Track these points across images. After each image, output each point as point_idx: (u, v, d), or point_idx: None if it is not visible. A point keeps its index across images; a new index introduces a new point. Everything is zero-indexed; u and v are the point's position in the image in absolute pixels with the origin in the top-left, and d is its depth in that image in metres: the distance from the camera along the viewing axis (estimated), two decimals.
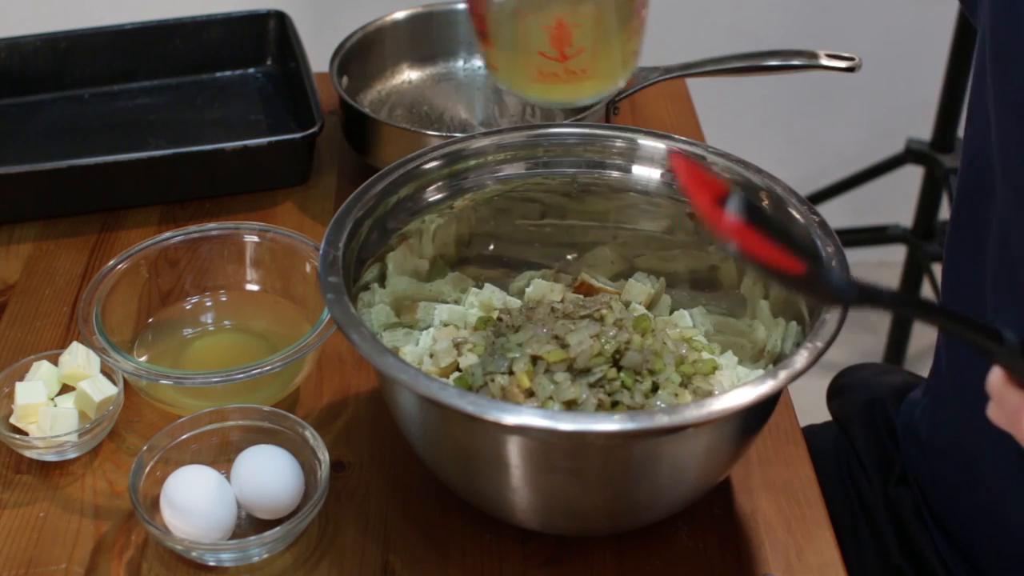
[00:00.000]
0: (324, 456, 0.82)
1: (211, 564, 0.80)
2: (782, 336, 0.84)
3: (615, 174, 0.91)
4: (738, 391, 0.69)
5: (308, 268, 0.96)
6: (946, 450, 0.93)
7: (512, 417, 0.68)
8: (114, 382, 0.89)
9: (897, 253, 2.12)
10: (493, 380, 0.80)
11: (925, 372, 1.05)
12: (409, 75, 1.25)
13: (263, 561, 0.81)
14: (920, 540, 0.96)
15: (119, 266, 0.94)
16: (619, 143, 0.91)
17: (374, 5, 1.33)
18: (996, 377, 0.63)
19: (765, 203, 0.85)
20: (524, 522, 0.80)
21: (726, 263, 0.89)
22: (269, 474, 0.82)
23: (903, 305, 0.64)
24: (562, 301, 0.89)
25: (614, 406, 0.79)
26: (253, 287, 1.00)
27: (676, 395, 0.81)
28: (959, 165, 0.89)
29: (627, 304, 0.91)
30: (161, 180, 1.12)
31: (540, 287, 0.92)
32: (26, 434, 0.87)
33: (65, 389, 0.91)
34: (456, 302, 0.94)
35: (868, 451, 1.04)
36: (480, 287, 0.94)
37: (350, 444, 0.90)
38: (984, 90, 0.82)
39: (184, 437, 0.84)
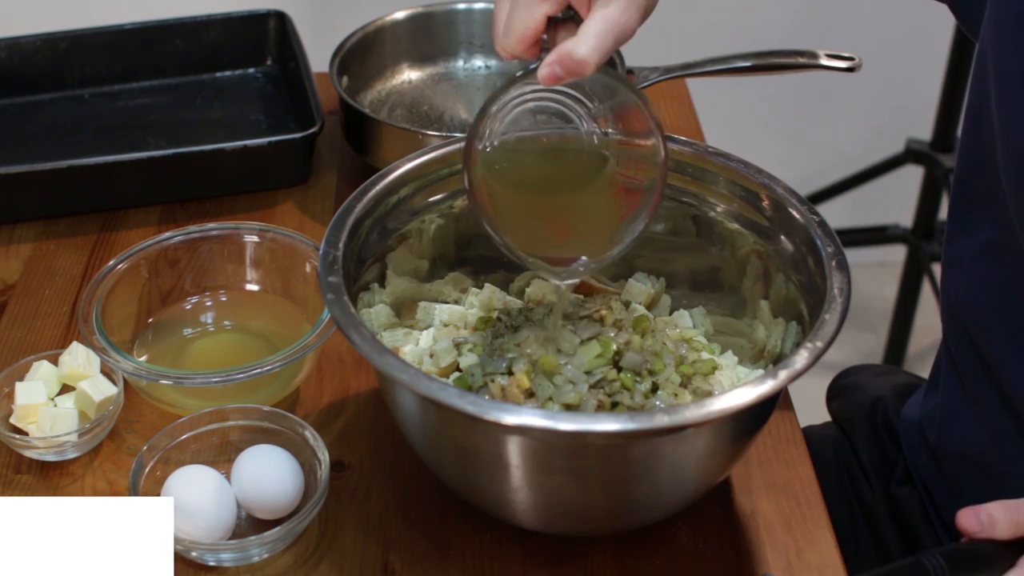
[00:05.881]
0: (324, 456, 0.82)
1: (211, 564, 0.80)
2: (782, 336, 0.84)
3: None
4: (738, 391, 0.69)
5: (308, 268, 0.96)
6: (959, 456, 0.93)
7: (512, 417, 0.68)
8: (114, 382, 0.89)
9: (897, 253, 2.12)
10: (493, 380, 0.80)
11: (925, 373, 1.05)
12: (409, 75, 1.25)
13: (263, 561, 0.81)
14: (925, 541, 0.96)
15: (119, 266, 0.94)
16: None
17: (374, 5, 1.33)
18: None
19: (765, 203, 0.85)
20: (524, 522, 0.80)
21: (727, 263, 0.89)
22: (269, 474, 0.82)
23: None
24: None
25: (614, 407, 0.79)
26: (253, 287, 1.00)
27: (676, 395, 0.81)
28: (956, 164, 0.89)
29: (627, 304, 0.91)
30: (161, 180, 1.12)
31: (540, 287, 0.92)
32: (26, 434, 0.87)
33: (65, 389, 0.91)
34: (456, 302, 0.93)
35: (868, 452, 1.04)
36: (480, 287, 0.94)
37: (350, 444, 0.90)
38: (982, 104, 0.82)
39: (184, 437, 0.84)
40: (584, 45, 0.71)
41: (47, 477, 0.87)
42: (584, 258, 0.79)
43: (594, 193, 0.80)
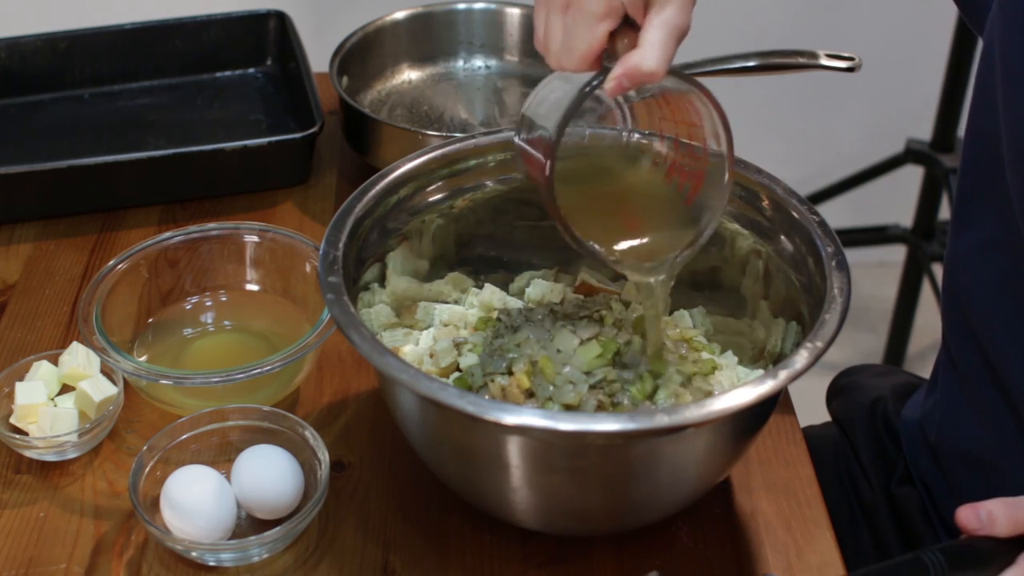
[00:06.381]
0: (324, 456, 0.82)
1: (211, 564, 0.80)
2: (782, 336, 0.84)
3: None
4: (738, 391, 0.69)
5: (308, 268, 0.96)
6: (959, 455, 0.93)
7: (512, 417, 0.68)
8: (114, 382, 0.89)
9: (897, 253, 2.12)
10: (493, 380, 0.80)
11: (925, 373, 1.05)
12: (409, 75, 1.25)
13: (263, 561, 0.81)
14: (925, 541, 0.96)
15: (119, 266, 0.94)
16: None
17: (374, 5, 1.33)
18: None
19: (765, 203, 0.85)
20: (524, 522, 0.80)
21: (727, 263, 0.89)
22: (269, 474, 0.82)
23: None
24: (562, 302, 0.89)
25: (614, 407, 0.79)
26: (253, 287, 1.00)
27: (676, 396, 0.81)
28: (960, 163, 0.89)
29: (627, 304, 0.91)
30: (161, 180, 1.12)
31: (540, 287, 0.92)
32: (26, 434, 0.87)
33: (65, 389, 0.91)
34: (456, 302, 0.93)
35: (868, 452, 1.04)
36: (480, 287, 0.94)
37: (350, 444, 0.90)
38: (987, 99, 0.82)
39: (184, 437, 0.84)
40: (651, 57, 0.71)
41: (47, 477, 0.87)
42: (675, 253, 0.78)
43: (644, 175, 0.80)
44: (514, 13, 1.25)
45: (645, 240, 0.79)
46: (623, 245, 0.79)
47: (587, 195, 0.81)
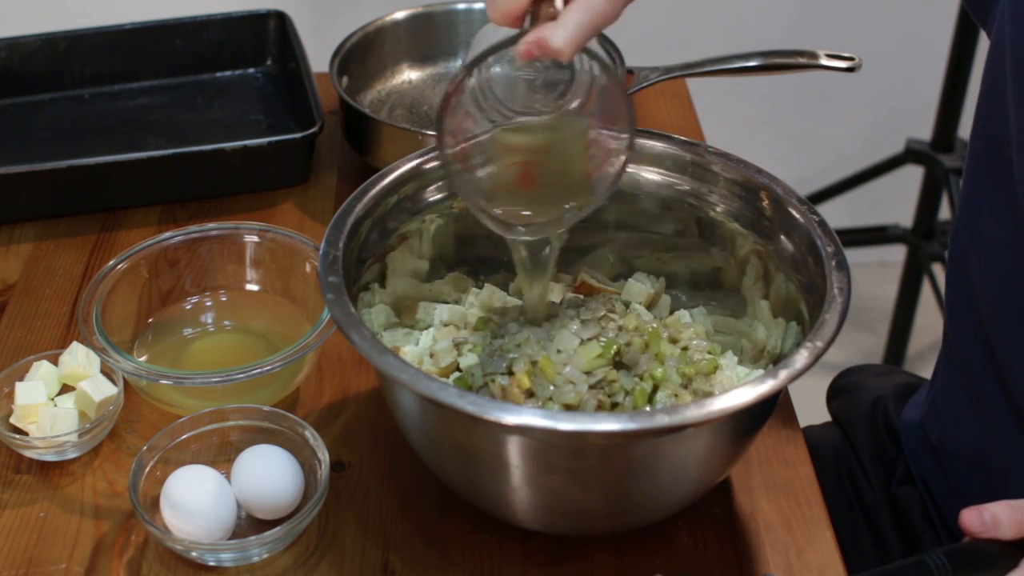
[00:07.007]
0: (324, 456, 0.82)
1: (211, 564, 0.80)
2: (782, 336, 0.84)
3: None
4: (738, 391, 0.69)
5: (308, 268, 0.96)
6: (960, 455, 0.93)
7: (512, 417, 0.68)
8: (114, 382, 0.89)
9: (897, 253, 2.12)
10: (493, 380, 0.80)
11: (925, 373, 1.05)
12: (409, 75, 1.25)
13: (263, 561, 0.81)
14: (927, 540, 0.96)
15: (119, 266, 0.94)
16: None
17: (374, 5, 1.33)
18: None
19: (765, 203, 0.85)
20: (524, 522, 0.80)
21: (727, 263, 0.89)
22: (269, 474, 0.82)
23: None
24: (561, 302, 0.89)
25: (614, 407, 0.79)
26: (253, 287, 1.00)
27: (676, 396, 0.81)
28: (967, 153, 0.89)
29: (627, 304, 0.91)
30: (161, 180, 1.12)
31: None
32: (26, 434, 0.87)
33: (65, 389, 0.91)
34: (456, 302, 0.93)
35: (868, 451, 1.04)
36: (480, 287, 0.94)
37: (350, 444, 0.90)
38: (994, 95, 0.82)
39: (184, 437, 0.84)
40: (561, 35, 0.72)
41: (47, 477, 0.87)
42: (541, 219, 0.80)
43: (566, 138, 0.80)
44: None
45: (529, 201, 0.80)
46: (505, 199, 0.80)
47: (501, 136, 0.81)
